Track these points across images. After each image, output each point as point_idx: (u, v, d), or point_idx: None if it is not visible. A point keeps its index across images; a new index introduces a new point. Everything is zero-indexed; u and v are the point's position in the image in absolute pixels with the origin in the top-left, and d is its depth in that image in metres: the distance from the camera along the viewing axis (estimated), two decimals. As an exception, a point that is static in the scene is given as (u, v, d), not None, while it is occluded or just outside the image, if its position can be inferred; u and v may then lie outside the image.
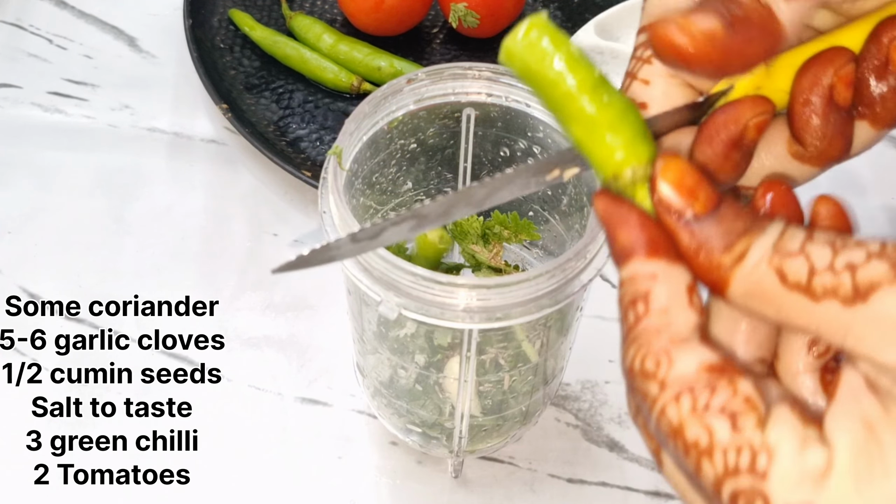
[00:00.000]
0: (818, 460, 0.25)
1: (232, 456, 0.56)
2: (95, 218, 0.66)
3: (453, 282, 0.42)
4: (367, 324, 0.50)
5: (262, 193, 0.67)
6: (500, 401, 0.51)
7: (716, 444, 0.26)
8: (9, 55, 0.74)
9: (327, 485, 0.56)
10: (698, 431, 0.26)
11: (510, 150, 0.52)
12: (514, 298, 0.42)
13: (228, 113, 0.68)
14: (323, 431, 0.57)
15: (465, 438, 0.52)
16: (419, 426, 0.53)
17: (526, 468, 0.56)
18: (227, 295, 0.62)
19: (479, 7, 0.72)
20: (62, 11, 0.77)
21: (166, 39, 0.75)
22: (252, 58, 0.73)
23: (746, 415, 0.26)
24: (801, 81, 0.33)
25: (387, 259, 0.42)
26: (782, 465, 0.25)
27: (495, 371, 0.50)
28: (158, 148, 0.70)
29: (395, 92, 0.48)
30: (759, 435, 0.25)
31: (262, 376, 0.59)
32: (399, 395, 0.52)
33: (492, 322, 0.43)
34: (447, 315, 0.42)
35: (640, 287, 0.28)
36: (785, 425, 0.26)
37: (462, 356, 0.47)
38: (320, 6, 0.77)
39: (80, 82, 0.73)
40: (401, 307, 0.42)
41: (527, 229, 0.52)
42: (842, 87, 0.32)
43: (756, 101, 0.32)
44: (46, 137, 0.70)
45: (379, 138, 0.49)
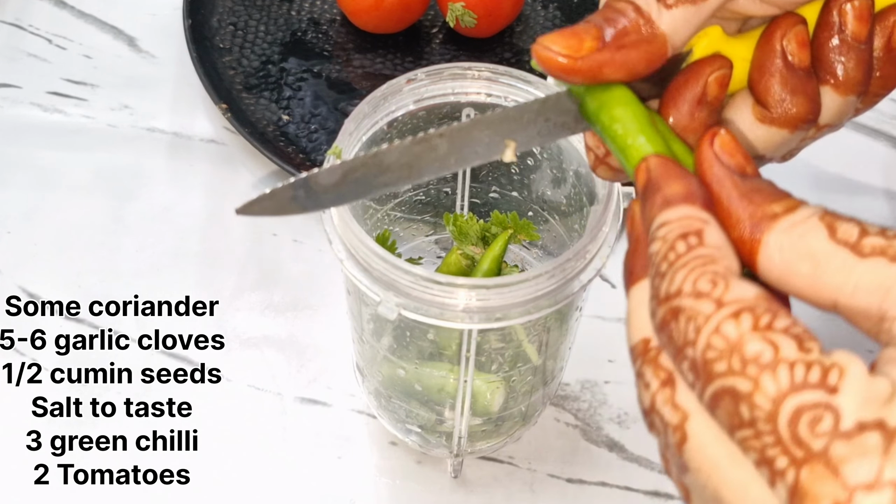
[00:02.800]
0: (885, 384, 0.24)
1: (232, 456, 0.56)
2: (95, 218, 0.66)
3: (453, 282, 0.42)
4: (366, 324, 0.50)
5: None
6: (500, 401, 0.51)
7: (782, 358, 0.24)
8: (8, 55, 0.74)
9: (327, 485, 0.56)
10: (761, 346, 0.24)
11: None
12: (514, 298, 0.42)
13: (228, 113, 0.68)
14: (322, 431, 0.57)
15: (465, 438, 0.52)
16: (419, 426, 0.53)
17: (525, 468, 0.56)
18: (226, 295, 0.62)
19: (476, 7, 0.72)
20: (61, 11, 0.77)
21: (166, 39, 0.75)
22: (251, 58, 0.74)
23: (812, 338, 0.25)
24: (759, 48, 0.34)
25: (386, 259, 0.42)
26: (854, 382, 0.24)
27: (495, 371, 0.50)
28: (158, 148, 0.70)
29: (395, 92, 0.48)
30: (826, 356, 0.24)
31: (262, 376, 0.59)
32: (399, 396, 0.52)
33: (491, 322, 0.43)
34: (447, 315, 0.42)
35: (693, 225, 0.28)
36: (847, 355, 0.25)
37: (461, 356, 0.47)
38: (320, 6, 0.77)
39: (79, 82, 0.73)
40: (400, 307, 0.42)
41: (526, 229, 0.52)
42: (794, 46, 0.34)
43: (712, 59, 0.34)
44: (46, 137, 0.70)
45: (378, 138, 0.49)
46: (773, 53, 0.34)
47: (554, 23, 0.76)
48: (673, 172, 0.29)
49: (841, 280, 0.26)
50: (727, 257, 0.27)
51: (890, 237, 0.26)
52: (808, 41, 0.34)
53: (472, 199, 0.55)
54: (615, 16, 0.32)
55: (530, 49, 0.32)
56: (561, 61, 0.31)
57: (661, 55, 0.32)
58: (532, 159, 0.52)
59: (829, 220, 0.27)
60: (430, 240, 0.58)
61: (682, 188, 0.29)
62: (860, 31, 0.34)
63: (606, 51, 0.32)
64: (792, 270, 0.27)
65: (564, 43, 0.32)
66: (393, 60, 0.74)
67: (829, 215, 0.27)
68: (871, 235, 0.26)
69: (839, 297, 0.26)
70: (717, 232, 0.28)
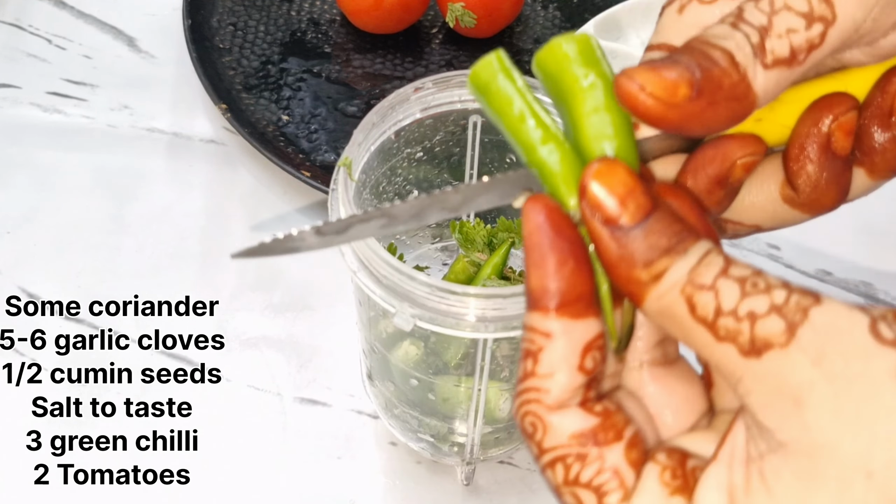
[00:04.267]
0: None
1: (232, 456, 0.56)
2: (95, 218, 0.66)
3: (468, 292, 0.42)
4: (378, 335, 0.50)
5: (261, 193, 0.67)
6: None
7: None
8: (8, 55, 0.74)
9: (326, 485, 0.56)
10: (571, 501, 0.27)
11: (517, 156, 0.52)
12: None
13: (227, 113, 0.68)
14: (322, 431, 0.57)
15: (478, 446, 0.52)
16: (430, 435, 0.53)
17: (525, 468, 0.56)
18: (226, 295, 0.62)
19: (476, 7, 0.72)
20: (61, 11, 0.77)
21: (165, 39, 0.75)
22: (251, 58, 0.74)
23: (612, 490, 0.27)
24: (801, 126, 0.32)
25: (401, 270, 0.42)
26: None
27: (508, 379, 0.50)
28: (157, 148, 0.70)
29: (402, 101, 0.48)
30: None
31: (262, 376, 0.59)
32: (410, 405, 0.52)
33: (507, 331, 0.43)
34: (462, 325, 0.42)
35: (534, 343, 0.28)
36: (648, 498, 0.26)
37: (476, 365, 0.47)
38: (320, 6, 0.77)
39: (79, 82, 0.73)
40: (416, 318, 0.42)
41: None
42: (841, 135, 0.32)
43: (747, 141, 0.32)
44: (46, 137, 0.70)
45: (386, 147, 0.49)
46: (817, 136, 0.32)
47: (554, 23, 0.77)
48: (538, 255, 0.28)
49: (707, 355, 0.26)
50: (555, 387, 0.27)
51: (741, 317, 0.25)
52: (854, 129, 0.32)
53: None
54: (709, 64, 0.28)
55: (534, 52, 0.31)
56: (650, 104, 0.27)
57: (745, 116, 0.29)
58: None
59: (689, 293, 0.26)
60: (435, 247, 0.58)
61: (540, 284, 0.27)
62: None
63: (698, 104, 0.27)
64: (671, 332, 0.27)
65: (659, 84, 0.27)
66: (393, 61, 0.74)
67: (690, 284, 0.26)
68: (724, 316, 0.25)
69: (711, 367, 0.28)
70: (555, 351, 0.27)
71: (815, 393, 0.24)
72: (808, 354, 0.25)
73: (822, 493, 0.24)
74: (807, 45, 0.28)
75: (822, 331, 0.25)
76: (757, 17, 0.28)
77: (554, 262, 0.27)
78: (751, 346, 0.25)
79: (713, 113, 0.28)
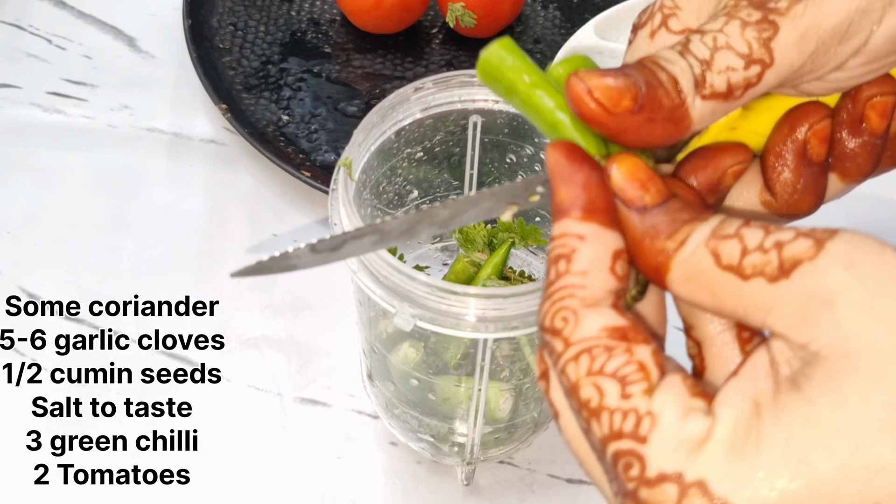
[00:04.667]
0: (698, 429, 0.26)
1: (232, 456, 0.56)
2: (95, 218, 0.66)
3: (468, 292, 0.42)
4: (378, 335, 0.50)
5: (261, 193, 0.67)
6: (513, 408, 0.51)
7: (604, 406, 0.27)
8: (8, 55, 0.74)
9: (326, 485, 0.56)
10: (591, 392, 0.27)
11: (517, 156, 0.52)
12: (530, 307, 0.42)
13: (227, 113, 0.68)
14: (322, 431, 0.57)
15: (478, 447, 0.52)
16: (430, 436, 0.53)
17: (525, 468, 0.56)
18: (226, 295, 0.62)
19: (476, 7, 0.72)
20: (61, 11, 0.77)
21: (165, 39, 0.75)
22: (251, 58, 0.74)
23: (636, 381, 0.27)
24: (777, 134, 0.34)
25: (401, 270, 0.42)
26: (662, 432, 0.26)
27: (508, 379, 0.50)
28: (158, 148, 0.70)
29: (403, 101, 0.48)
30: (645, 401, 0.26)
31: (262, 376, 0.59)
32: (411, 405, 0.52)
33: (508, 331, 0.43)
34: (462, 325, 0.42)
35: (567, 245, 0.29)
36: (671, 393, 0.26)
37: (476, 365, 0.47)
38: (320, 6, 0.77)
39: (79, 82, 0.73)
40: (416, 318, 0.42)
41: (533, 234, 0.52)
42: (816, 142, 0.33)
43: (737, 150, 0.33)
44: (46, 137, 0.70)
45: (387, 147, 0.49)
46: (793, 144, 0.33)
47: (554, 23, 0.77)
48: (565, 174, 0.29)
49: (734, 304, 0.27)
50: (590, 284, 0.28)
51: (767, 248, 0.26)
52: (829, 136, 0.33)
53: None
54: (655, 83, 0.29)
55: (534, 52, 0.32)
56: (592, 108, 0.29)
57: (679, 138, 0.30)
58: (540, 164, 0.52)
59: (714, 245, 0.27)
60: (435, 247, 0.58)
61: (568, 195, 0.29)
62: (880, 126, 0.33)
63: (637, 118, 0.29)
64: (698, 300, 0.28)
65: (605, 92, 0.29)
66: (393, 61, 0.74)
67: (714, 238, 0.27)
68: (750, 253, 0.26)
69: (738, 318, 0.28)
70: (588, 251, 0.28)
71: (848, 293, 0.25)
72: (839, 261, 0.25)
73: (856, 386, 0.25)
74: (744, 82, 0.30)
75: (852, 242, 0.26)
76: (701, 50, 0.30)
77: (582, 177, 0.29)
78: (779, 269, 0.26)
79: (648, 129, 0.29)
